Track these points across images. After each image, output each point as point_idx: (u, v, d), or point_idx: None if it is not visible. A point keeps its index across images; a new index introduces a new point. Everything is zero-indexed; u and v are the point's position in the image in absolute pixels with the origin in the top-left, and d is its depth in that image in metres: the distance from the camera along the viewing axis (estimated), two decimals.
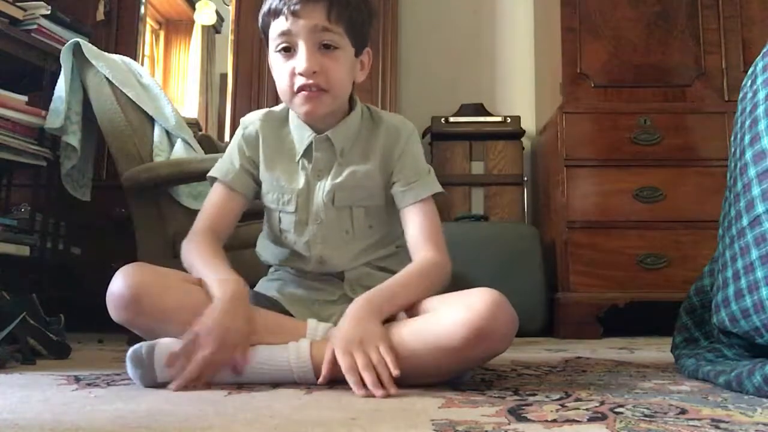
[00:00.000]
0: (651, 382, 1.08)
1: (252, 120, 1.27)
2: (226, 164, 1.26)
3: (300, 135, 1.22)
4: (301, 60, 1.12)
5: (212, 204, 1.24)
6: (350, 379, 0.95)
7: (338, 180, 1.19)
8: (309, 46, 1.12)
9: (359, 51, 1.20)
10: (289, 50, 1.14)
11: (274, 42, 1.15)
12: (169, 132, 2.02)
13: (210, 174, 1.27)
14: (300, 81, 1.12)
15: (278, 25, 1.13)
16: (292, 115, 1.24)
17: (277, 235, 1.24)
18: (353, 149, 1.22)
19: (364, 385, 0.94)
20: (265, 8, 1.16)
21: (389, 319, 1.09)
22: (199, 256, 1.15)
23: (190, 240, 1.19)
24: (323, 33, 1.12)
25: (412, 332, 1.00)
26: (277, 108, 1.28)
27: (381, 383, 0.94)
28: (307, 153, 1.21)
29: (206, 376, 1.00)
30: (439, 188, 1.22)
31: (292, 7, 1.10)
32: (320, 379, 0.99)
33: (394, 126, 1.23)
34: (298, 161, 1.22)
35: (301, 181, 1.20)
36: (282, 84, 1.16)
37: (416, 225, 1.18)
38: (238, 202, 1.24)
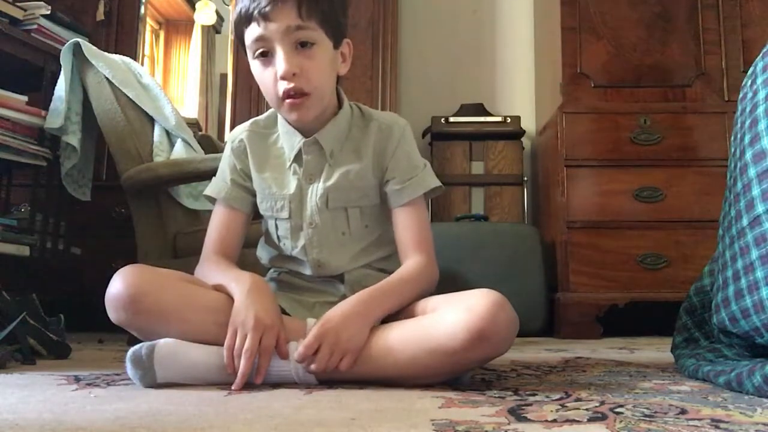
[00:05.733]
0: (651, 382, 1.08)
1: (238, 133, 1.26)
2: (219, 182, 1.26)
3: (290, 141, 1.21)
4: (279, 63, 1.10)
5: (215, 227, 1.24)
6: (301, 351, 1.00)
7: (330, 182, 1.18)
8: (285, 48, 1.10)
9: (337, 43, 1.18)
10: (266, 54, 1.12)
11: (251, 49, 1.14)
12: (169, 132, 2.02)
13: (205, 193, 1.27)
14: (283, 86, 1.11)
15: (252, 32, 1.11)
16: (281, 121, 1.23)
17: (275, 242, 1.24)
18: (344, 149, 1.21)
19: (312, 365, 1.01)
20: (236, 16, 1.14)
21: (390, 318, 1.09)
22: (215, 270, 1.17)
23: (202, 264, 1.21)
24: (297, 32, 1.10)
25: (413, 334, 1.01)
26: (263, 116, 1.28)
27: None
28: (298, 158, 1.20)
29: (264, 368, 1.00)
30: (436, 182, 1.22)
31: (262, 10, 1.08)
32: (296, 356, 1.01)
33: (386, 123, 1.22)
34: (290, 167, 1.21)
35: (292, 187, 1.20)
36: (268, 91, 1.15)
37: (407, 228, 1.19)
38: (239, 220, 1.24)
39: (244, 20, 1.12)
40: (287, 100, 1.12)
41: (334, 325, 1.02)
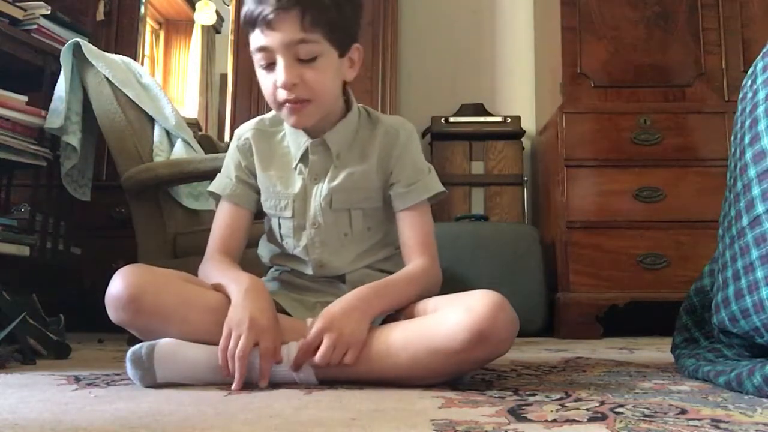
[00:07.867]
0: (651, 382, 1.08)
1: (244, 131, 1.27)
2: (223, 179, 1.26)
3: (296, 141, 1.21)
4: (279, 73, 1.09)
5: (219, 225, 1.24)
6: (298, 355, 1.00)
7: (335, 183, 1.18)
8: (287, 60, 1.09)
9: (344, 51, 1.15)
10: (269, 65, 1.12)
11: (254, 56, 1.14)
12: (169, 132, 2.02)
13: (209, 189, 1.27)
14: (282, 94, 1.11)
15: (255, 39, 1.11)
16: None
17: (278, 240, 1.24)
18: (351, 151, 1.21)
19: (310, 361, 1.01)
20: (243, 13, 1.13)
21: (390, 319, 1.09)
22: (216, 269, 1.17)
23: (205, 262, 1.20)
24: (299, 46, 1.08)
25: (413, 334, 1.01)
26: (269, 115, 1.27)
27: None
28: (304, 158, 1.20)
29: (267, 371, 1.00)
30: (440, 188, 1.22)
31: (266, 18, 1.07)
32: (297, 350, 1.01)
33: (392, 127, 1.22)
34: (295, 167, 1.21)
35: (297, 186, 1.20)
36: (268, 96, 1.15)
37: (411, 230, 1.19)
38: (243, 218, 1.24)
39: (248, 24, 1.12)
40: (287, 105, 1.12)
41: (336, 319, 1.02)
